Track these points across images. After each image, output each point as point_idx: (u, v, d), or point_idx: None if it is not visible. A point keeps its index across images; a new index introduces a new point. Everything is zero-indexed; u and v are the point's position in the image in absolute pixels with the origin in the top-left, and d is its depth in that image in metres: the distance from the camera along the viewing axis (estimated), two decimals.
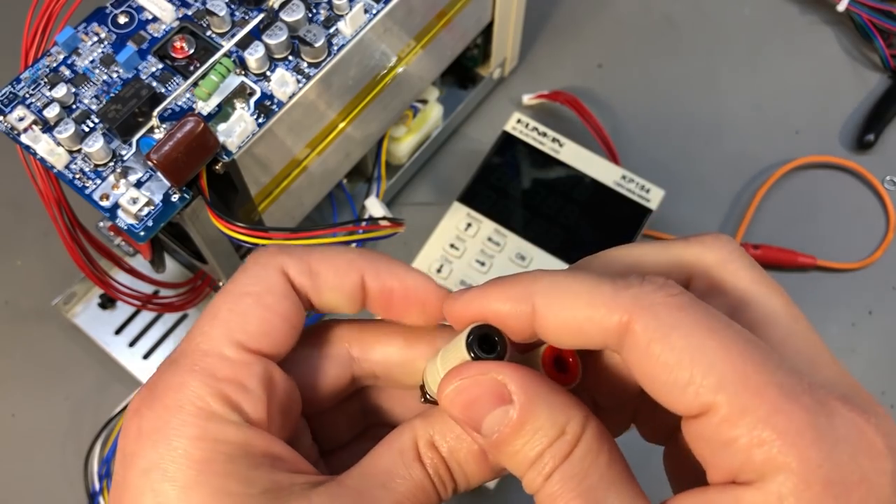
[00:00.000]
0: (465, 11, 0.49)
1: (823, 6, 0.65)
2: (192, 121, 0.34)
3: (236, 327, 0.21)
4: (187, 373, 0.20)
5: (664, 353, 0.19)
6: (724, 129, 0.61)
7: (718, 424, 0.19)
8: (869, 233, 0.57)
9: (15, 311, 0.55)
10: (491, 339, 0.22)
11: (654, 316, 0.19)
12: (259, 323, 0.21)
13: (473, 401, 0.21)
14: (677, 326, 0.19)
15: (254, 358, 0.21)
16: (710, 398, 0.19)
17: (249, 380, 0.20)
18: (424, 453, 0.22)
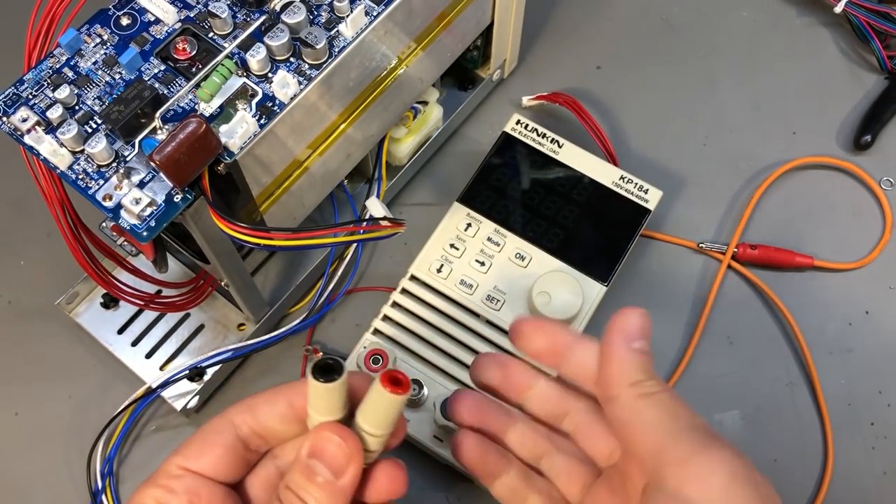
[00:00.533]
0: (465, 13, 0.50)
1: (821, 8, 0.65)
2: (194, 122, 0.34)
3: (180, 453, 0.30)
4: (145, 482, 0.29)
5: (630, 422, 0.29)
6: (722, 129, 0.61)
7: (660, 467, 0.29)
8: (866, 233, 0.57)
9: (18, 310, 0.55)
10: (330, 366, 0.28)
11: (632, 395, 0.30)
12: (194, 450, 0.30)
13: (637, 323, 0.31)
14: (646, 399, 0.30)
15: (186, 473, 0.29)
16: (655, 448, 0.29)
17: (177, 487, 0.29)
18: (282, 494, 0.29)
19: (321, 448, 0.29)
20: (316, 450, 0.29)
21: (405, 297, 0.51)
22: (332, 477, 0.28)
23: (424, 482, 0.50)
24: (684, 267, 0.56)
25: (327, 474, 0.28)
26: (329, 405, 0.29)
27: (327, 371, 0.28)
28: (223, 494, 0.30)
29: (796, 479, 0.50)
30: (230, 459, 0.30)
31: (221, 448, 0.30)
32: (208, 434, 0.30)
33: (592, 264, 0.51)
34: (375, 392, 0.28)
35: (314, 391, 0.28)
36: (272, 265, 0.54)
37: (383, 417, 0.29)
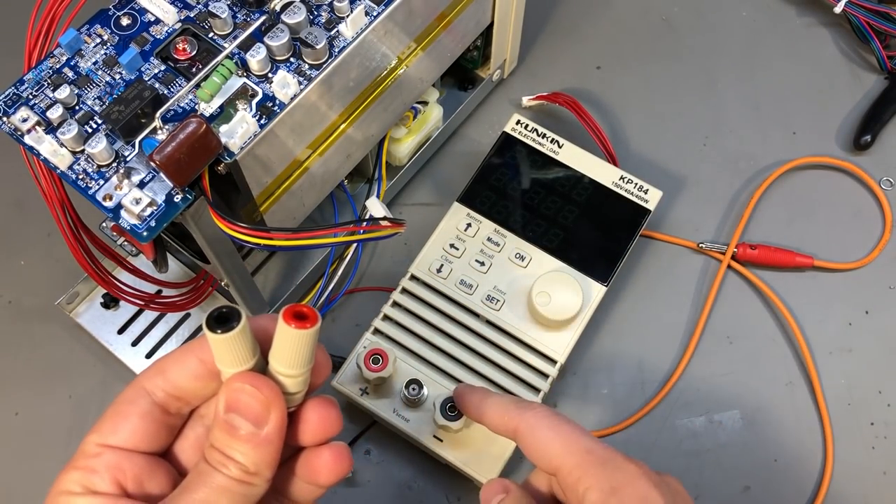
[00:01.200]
0: (465, 13, 0.50)
1: (820, 8, 0.65)
2: (194, 122, 0.34)
3: (96, 430, 0.28)
4: (66, 468, 0.28)
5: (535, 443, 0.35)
6: (722, 129, 0.61)
7: (565, 477, 0.34)
8: (866, 233, 0.57)
9: (18, 310, 0.55)
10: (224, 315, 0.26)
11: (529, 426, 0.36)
12: (109, 425, 0.28)
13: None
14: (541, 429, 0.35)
15: (105, 450, 0.28)
16: (558, 463, 0.34)
17: (98, 465, 0.27)
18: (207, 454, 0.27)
19: (236, 400, 0.27)
20: (231, 403, 0.27)
21: (405, 296, 0.51)
22: (253, 428, 0.27)
23: (424, 482, 0.50)
24: (684, 267, 0.56)
25: (248, 426, 0.27)
26: (234, 356, 0.27)
27: (223, 321, 0.26)
28: (150, 465, 0.28)
29: (796, 479, 0.50)
30: (149, 428, 0.28)
31: (137, 417, 0.28)
32: (121, 405, 0.28)
33: (592, 264, 0.51)
34: (281, 331, 0.27)
35: (215, 344, 0.27)
36: (272, 265, 0.54)
37: (296, 355, 0.27)
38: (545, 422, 0.35)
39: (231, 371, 0.27)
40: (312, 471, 0.29)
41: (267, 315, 0.30)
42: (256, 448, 0.27)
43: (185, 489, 0.27)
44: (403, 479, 0.50)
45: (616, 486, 0.32)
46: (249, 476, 0.27)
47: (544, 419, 0.35)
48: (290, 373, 0.28)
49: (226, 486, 0.27)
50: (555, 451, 0.34)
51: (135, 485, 0.28)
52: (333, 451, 0.29)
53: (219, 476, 0.27)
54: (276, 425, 0.27)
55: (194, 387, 0.29)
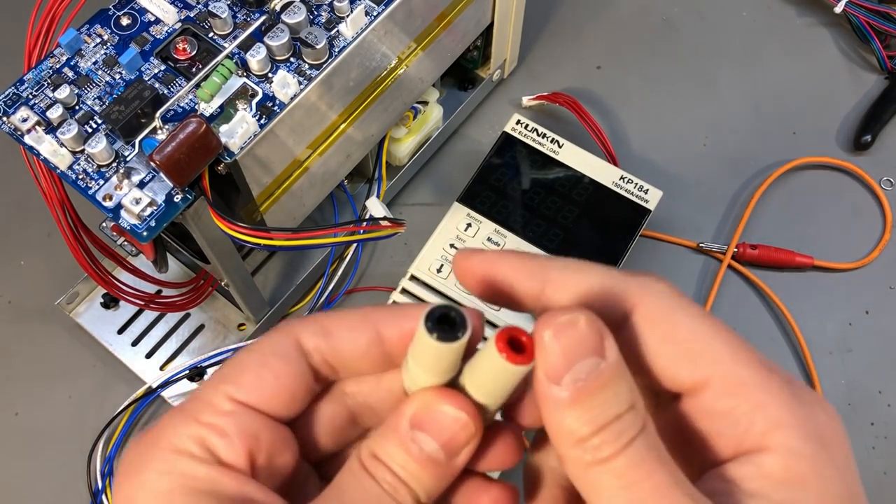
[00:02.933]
0: (465, 13, 0.50)
1: (821, 8, 0.65)
2: (194, 122, 0.34)
3: (231, 381, 0.22)
4: (177, 415, 0.21)
5: (670, 331, 0.22)
6: (722, 129, 0.61)
7: (717, 396, 0.21)
8: (866, 233, 0.57)
9: (18, 310, 0.55)
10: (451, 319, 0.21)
11: (659, 300, 0.22)
12: (253, 379, 0.22)
13: (573, 343, 0.20)
14: (680, 310, 0.22)
15: (240, 409, 0.22)
16: (709, 371, 0.21)
17: (230, 427, 0.21)
18: (369, 465, 0.22)
19: (433, 421, 0.22)
20: (425, 421, 0.22)
21: (405, 297, 0.50)
22: (443, 458, 0.22)
23: None
24: (684, 267, 0.56)
25: (438, 453, 0.22)
26: (440, 365, 0.22)
27: (448, 324, 0.21)
28: (284, 440, 0.23)
29: None
30: (297, 392, 0.23)
31: (288, 378, 0.22)
32: (270, 358, 0.22)
33: None
34: (490, 358, 0.21)
35: (425, 348, 0.21)
36: (272, 265, 0.54)
37: (499, 388, 0.22)
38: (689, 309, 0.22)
39: (425, 378, 0.22)
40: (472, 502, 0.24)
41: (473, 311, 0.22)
42: (438, 479, 0.22)
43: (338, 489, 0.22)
44: None
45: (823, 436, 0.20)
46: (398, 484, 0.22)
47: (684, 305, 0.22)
48: (485, 403, 0.22)
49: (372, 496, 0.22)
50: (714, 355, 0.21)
51: (265, 460, 0.22)
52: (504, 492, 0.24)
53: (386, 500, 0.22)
54: (468, 457, 0.22)
55: (360, 363, 0.23)
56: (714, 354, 0.21)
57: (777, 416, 0.20)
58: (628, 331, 0.22)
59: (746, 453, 0.20)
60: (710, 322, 0.22)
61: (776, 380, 0.21)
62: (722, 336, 0.21)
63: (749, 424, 0.20)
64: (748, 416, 0.20)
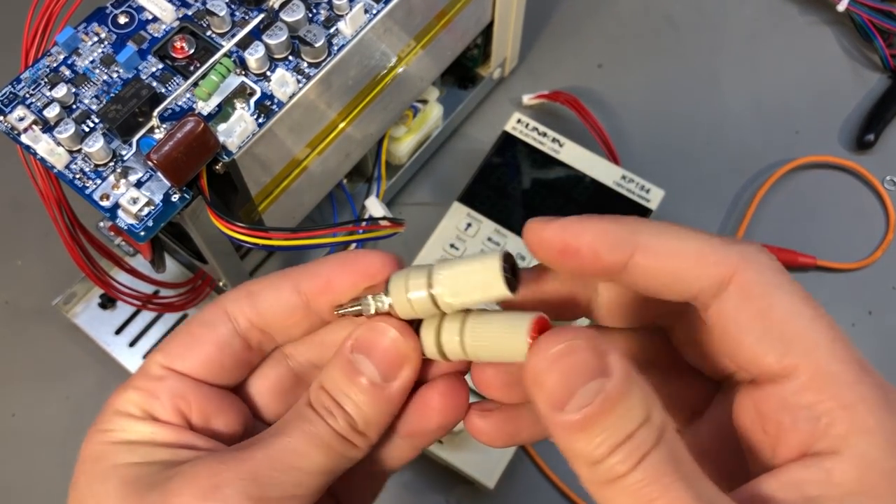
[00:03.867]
0: (465, 11, 0.49)
1: (823, 6, 0.65)
2: (192, 121, 0.34)
3: (163, 351, 0.24)
4: (120, 386, 0.25)
5: (766, 308, 0.20)
6: (724, 128, 0.61)
7: (801, 388, 0.19)
8: (869, 233, 0.57)
9: (15, 310, 0.55)
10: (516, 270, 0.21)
11: (759, 273, 0.20)
12: (180, 347, 0.24)
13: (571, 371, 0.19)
14: (780, 287, 0.20)
15: (170, 374, 0.24)
16: (799, 359, 0.19)
17: (160, 390, 0.24)
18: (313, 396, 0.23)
19: (371, 342, 0.22)
20: (364, 343, 0.23)
21: None
22: (379, 378, 0.22)
23: (423, 484, 0.49)
24: None
25: (374, 374, 0.22)
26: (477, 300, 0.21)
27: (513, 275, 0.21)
28: (218, 399, 0.24)
29: None
30: (225, 358, 0.24)
31: (213, 345, 0.24)
32: (196, 327, 0.24)
33: None
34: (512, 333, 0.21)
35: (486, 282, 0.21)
36: (271, 265, 0.54)
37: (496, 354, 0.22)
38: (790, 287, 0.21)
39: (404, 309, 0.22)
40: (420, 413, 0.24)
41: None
42: (375, 402, 0.23)
43: (278, 432, 0.23)
44: (403, 480, 0.50)
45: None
46: (354, 434, 0.23)
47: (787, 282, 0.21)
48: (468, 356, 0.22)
49: (325, 439, 0.22)
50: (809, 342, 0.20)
51: (200, 418, 0.24)
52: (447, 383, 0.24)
53: (320, 424, 0.23)
54: (404, 384, 0.23)
55: (285, 321, 0.24)
56: (810, 342, 0.20)
57: (863, 421, 0.19)
58: (722, 301, 0.20)
59: (816, 455, 0.19)
60: (812, 306, 0.20)
61: (870, 382, 0.19)
62: (821, 324, 0.20)
63: (829, 424, 0.19)
64: (830, 414, 0.19)
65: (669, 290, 0.21)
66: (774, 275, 0.21)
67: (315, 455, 0.22)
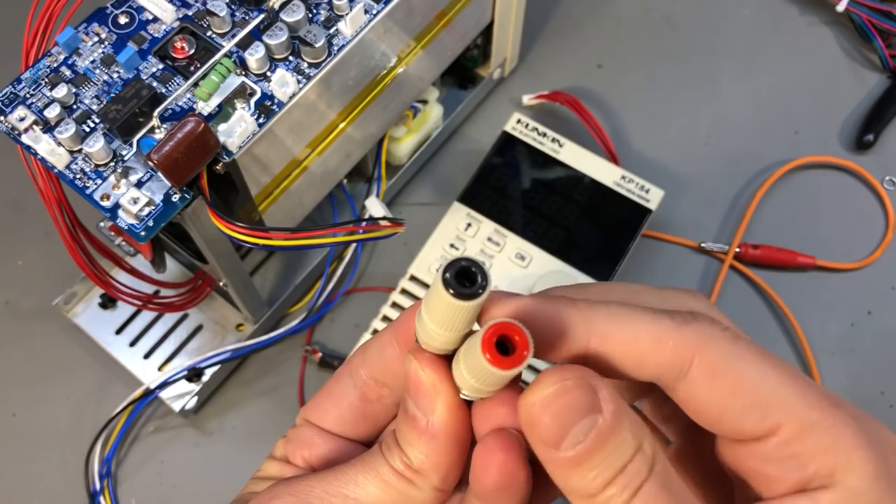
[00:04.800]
0: (465, 12, 0.49)
1: (823, 7, 0.65)
2: (192, 121, 0.34)
3: (307, 404, 0.27)
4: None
5: (733, 381, 0.21)
6: (724, 129, 0.61)
7: (785, 443, 0.21)
8: (868, 233, 0.57)
9: (16, 310, 0.55)
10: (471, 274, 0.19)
11: (719, 350, 0.21)
12: (315, 399, 0.27)
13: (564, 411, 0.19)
14: (742, 357, 0.21)
15: (305, 424, 0.27)
16: (777, 418, 0.21)
17: (294, 438, 0.26)
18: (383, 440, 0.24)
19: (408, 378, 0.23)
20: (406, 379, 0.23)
21: (405, 297, 0.50)
22: (419, 413, 0.22)
23: None
24: (686, 267, 0.56)
25: (415, 410, 0.22)
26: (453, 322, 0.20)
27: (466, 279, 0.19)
28: (344, 448, 0.26)
29: None
30: (346, 413, 0.26)
31: (337, 398, 0.26)
32: (329, 383, 0.26)
33: (593, 264, 0.50)
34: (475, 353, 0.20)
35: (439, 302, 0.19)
36: (271, 265, 0.54)
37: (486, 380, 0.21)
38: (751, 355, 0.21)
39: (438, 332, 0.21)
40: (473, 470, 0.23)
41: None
42: (420, 439, 0.22)
43: (349, 465, 0.24)
44: None
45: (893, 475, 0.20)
46: (411, 472, 0.23)
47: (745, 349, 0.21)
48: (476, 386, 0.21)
49: (380, 472, 0.23)
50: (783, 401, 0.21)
51: (322, 464, 0.26)
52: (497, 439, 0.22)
53: (379, 458, 0.23)
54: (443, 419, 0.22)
55: (389, 371, 0.25)
56: (783, 400, 0.21)
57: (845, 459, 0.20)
58: (689, 383, 0.21)
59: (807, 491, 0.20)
60: (774, 365, 0.21)
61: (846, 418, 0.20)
62: (788, 378, 0.21)
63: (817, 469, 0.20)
64: (816, 460, 0.20)
65: (631, 373, 0.22)
66: (732, 347, 0.21)
67: (368, 485, 0.23)
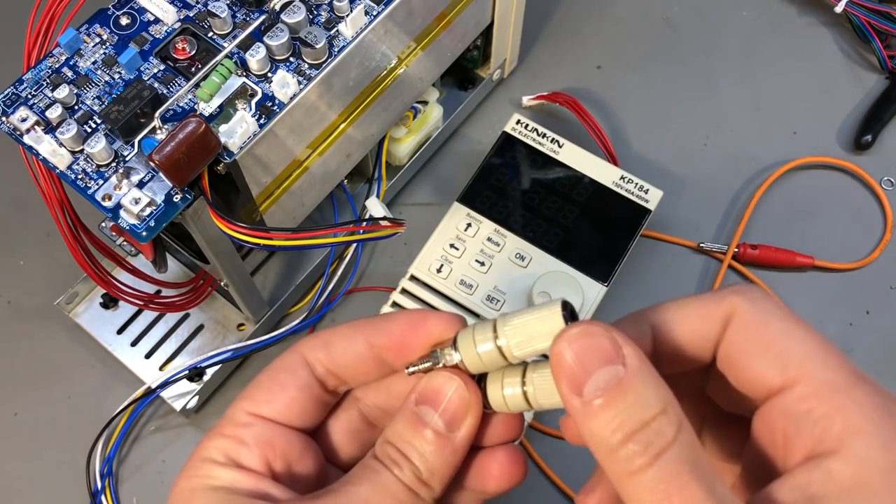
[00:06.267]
0: (465, 13, 0.49)
1: (821, 7, 0.65)
2: (193, 122, 0.34)
3: (248, 397, 0.25)
4: (208, 432, 0.25)
5: (763, 332, 0.22)
6: (723, 129, 0.61)
7: (802, 397, 0.21)
8: (866, 233, 0.57)
9: (18, 310, 0.55)
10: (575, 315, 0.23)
11: (753, 303, 0.23)
12: (265, 393, 0.25)
13: (587, 352, 0.20)
14: (773, 312, 0.22)
15: (256, 420, 0.25)
16: (797, 372, 0.21)
17: (247, 436, 0.24)
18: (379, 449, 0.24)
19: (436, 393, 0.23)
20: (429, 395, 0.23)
21: (405, 297, 0.50)
22: (444, 428, 0.23)
23: None
24: (685, 267, 0.56)
25: (439, 424, 0.23)
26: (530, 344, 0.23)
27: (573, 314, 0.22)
28: (300, 443, 0.25)
29: None
30: (306, 403, 0.25)
31: (295, 389, 0.25)
32: (278, 373, 0.26)
33: (592, 264, 0.50)
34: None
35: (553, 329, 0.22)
36: (272, 265, 0.54)
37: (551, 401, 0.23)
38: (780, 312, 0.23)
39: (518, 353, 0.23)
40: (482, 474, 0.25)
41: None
42: (439, 452, 0.23)
43: (347, 482, 0.24)
44: None
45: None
46: (420, 485, 0.23)
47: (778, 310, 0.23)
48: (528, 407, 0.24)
49: (391, 488, 0.23)
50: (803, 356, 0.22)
51: (283, 464, 0.25)
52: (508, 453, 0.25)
53: (387, 474, 0.23)
54: (468, 433, 0.24)
55: (357, 369, 0.26)
56: (804, 355, 0.21)
57: (856, 422, 0.20)
58: (727, 342, 0.23)
59: (818, 457, 0.20)
60: (803, 326, 0.22)
61: (865, 387, 0.21)
62: (814, 339, 0.22)
63: (827, 427, 0.20)
64: (827, 417, 0.20)
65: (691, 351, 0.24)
66: (766, 304, 0.23)
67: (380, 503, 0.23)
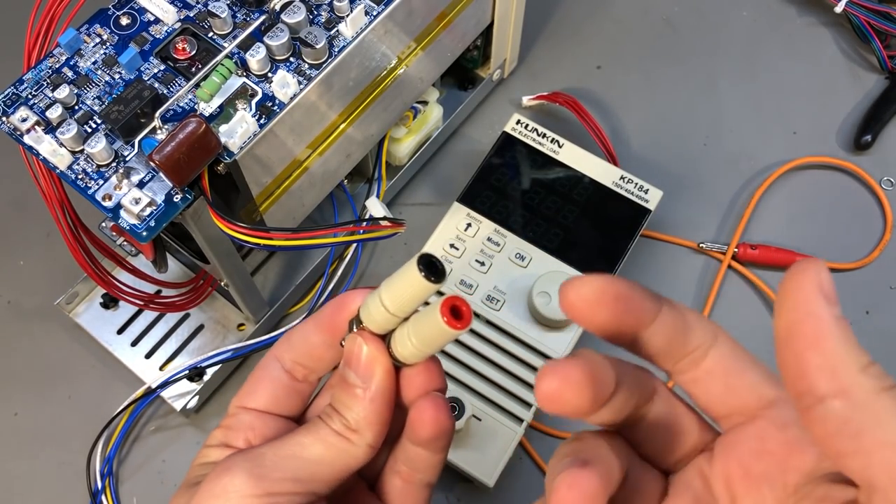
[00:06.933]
0: (465, 13, 0.49)
1: (821, 8, 0.65)
2: (193, 122, 0.34)
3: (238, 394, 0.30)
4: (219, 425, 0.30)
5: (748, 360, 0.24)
6: (723, 129, 0.61)
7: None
8: (866, 233, 0.57)
9: (18, 310, 0.55)
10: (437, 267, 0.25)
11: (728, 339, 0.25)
12: (246, 387, 0.30)
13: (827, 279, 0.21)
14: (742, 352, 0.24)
15: (241, 411, 0.30)
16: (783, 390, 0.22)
17: (233, 424, 0.29)
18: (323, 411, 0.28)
19: (349, 354, 0.27)
20: (347, 357, 0.27)
21: None
22: (361, 382, 0.27)
23: None
24: (685, 267, 0.56)
25: (356, 380, 0.27)
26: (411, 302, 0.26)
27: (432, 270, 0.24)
28: (283, 427, 0.30)
29: None
30: (278, 392, 0.30)
31: (269, 382, 0.30)
32: (257, 370, 0.30)
33: (592, 264, 0.50)
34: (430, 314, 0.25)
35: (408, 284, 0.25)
36: (272, 265, 0.54)
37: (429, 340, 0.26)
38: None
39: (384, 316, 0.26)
40: (412, 424, 0.28)
41: None
42: (361, 402, 0.27)
43: (294, 432, 0.28)
44: None
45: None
46: (349, 432, 0.27)
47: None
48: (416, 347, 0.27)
49: (326, 438, 0.27)
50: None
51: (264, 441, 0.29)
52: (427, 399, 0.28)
53: (322, 426, 0.28)
54: (381, 384, 0.27)
55: (313, 355, 0.30)
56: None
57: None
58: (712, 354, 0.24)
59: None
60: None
61: None
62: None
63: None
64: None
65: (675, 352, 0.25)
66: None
67: (314, 446, 0.27)
